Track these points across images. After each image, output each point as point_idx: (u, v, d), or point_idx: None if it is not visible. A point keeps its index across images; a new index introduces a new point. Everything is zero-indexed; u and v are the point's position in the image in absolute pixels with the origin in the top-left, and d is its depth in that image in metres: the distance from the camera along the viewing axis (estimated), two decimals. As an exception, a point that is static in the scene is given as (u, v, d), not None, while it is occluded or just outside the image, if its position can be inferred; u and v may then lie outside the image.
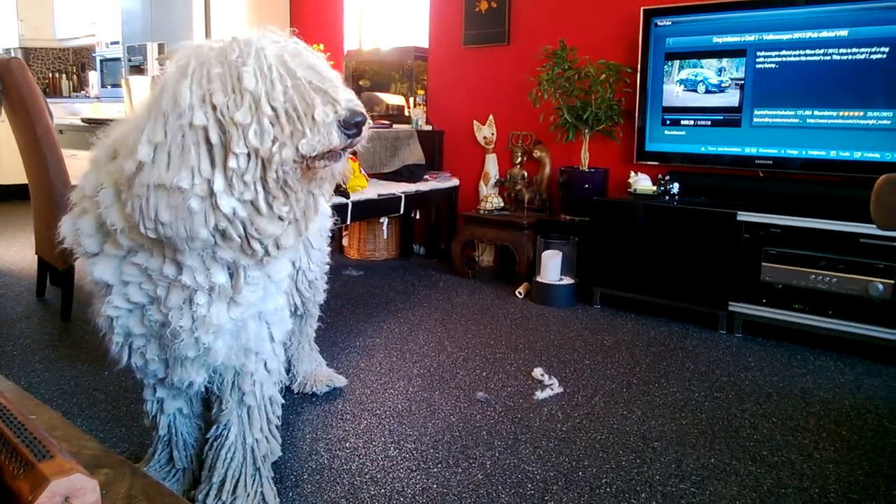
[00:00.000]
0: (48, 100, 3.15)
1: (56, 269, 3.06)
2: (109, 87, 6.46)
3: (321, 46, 4.29)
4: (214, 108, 1.08)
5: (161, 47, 5.32)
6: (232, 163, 1.08)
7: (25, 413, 0.79)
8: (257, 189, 1.11)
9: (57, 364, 2.52)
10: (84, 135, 3.59)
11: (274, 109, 1.07)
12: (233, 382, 1.48)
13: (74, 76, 7.69)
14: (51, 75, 7.58)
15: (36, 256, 3.36)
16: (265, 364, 1.50)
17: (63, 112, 6.48)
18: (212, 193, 1.10)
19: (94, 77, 7.00)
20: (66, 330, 2.91)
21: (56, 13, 7.12)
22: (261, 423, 1.54)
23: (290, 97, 1.08)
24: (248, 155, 1.09)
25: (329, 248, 2.13)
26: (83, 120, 3.66)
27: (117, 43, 6.13)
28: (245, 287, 1.31)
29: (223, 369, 1.44)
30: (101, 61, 6.61)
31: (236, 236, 1.15)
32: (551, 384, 2.41)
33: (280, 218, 1.16)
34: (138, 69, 5.55)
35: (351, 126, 1.10)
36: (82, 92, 7.40)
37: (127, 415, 2.11)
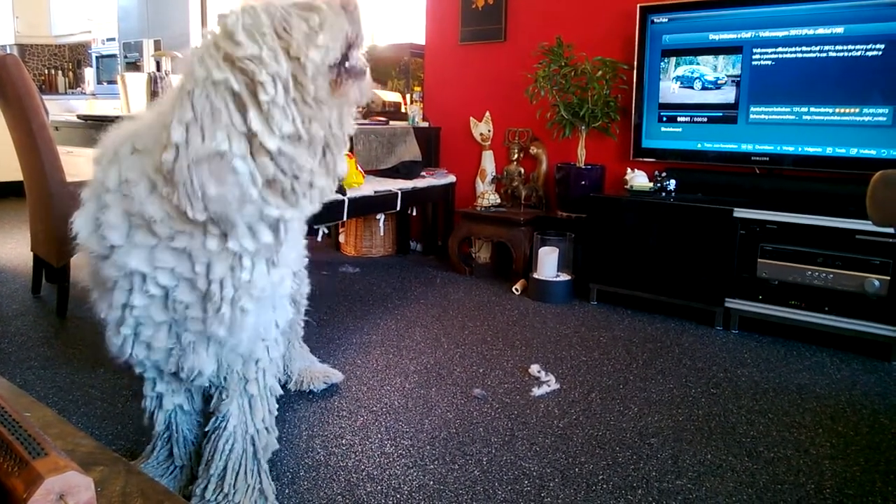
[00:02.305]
0: (44, 96, 3.15)
1: (52, 266, 3.05)
2: (105, 83, 6.45)
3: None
4: (227, 60, 1.12)
5: (157, 44, 5.31)
6: (262, 95, 1.11)
7: (20, 411, 0.78)
8: (294, 114, 1.14)
9: (52, 362, 2.51)
10: (80, 131, 3.57)
11: (276, 29, 1.13)
12: (237, 371, 1.49)
13: (70, 73, 7.68)
14: (46, 72, 7.56)
15: (31, 253, 3.35)
16: (268, 351, 1.51)
17: (59, 109, 6.45)
18: (254, 143, 1.13)
19: (89, 74, 6.99)
20: (61, 327, 2.91)
21: (52, 10, 7.10)
22: (262, 413, 1.54)
23: (287, 13, 1.14)
24: (274, 80, 1.12)
25: (306, 241, 2.10)
26: (79, 117, 3.64)
27: (113, 39, 6.12)
28: (283, 245, 1.33)
29: (233, 357, 1.44)
30: (97, 58, 6.60)
31: (283, 178, 1.17)
32: (548, 381, 2.42)
33: (314, 148, 1.19)
34: (134, 66, 5.54)
35: (352, 5, 1.16)
36: (78, 89, 7.39)
37: (123, 412, 2.11)
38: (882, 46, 2.86)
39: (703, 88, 3.33)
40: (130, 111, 3.90)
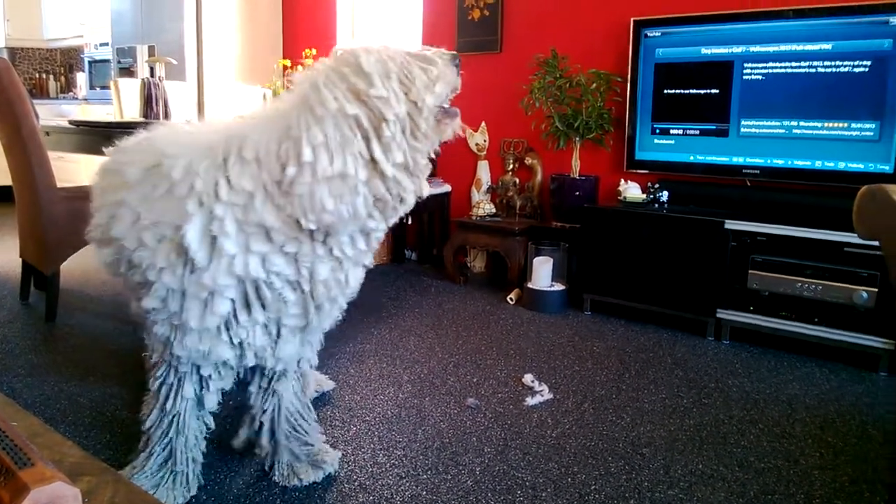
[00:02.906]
0: (34, 101, 3.13)
1: (41, 272, 3.03)
2: (98, 88, 6.42)
3: (313, 51, 4.28)
4: (353, 93, 1.31)
5: (151, 49, 5.29)
6: (387, 132, 1.31)
7: (7, 420, 0.78)
8: (405, 149, 1.35)
9: (40, 370, 2.49)
10: (71, 137, 3.55)
11: (399, 75, 1.33)
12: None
13: (62, 77, 7.64)
14: (37, 76, 7.52)
15: (20, 259, 3.33)
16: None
17: (49, 113, 6.42)
18: (373, 168, 1.33)
19: (81, 78, 6.95)
20: (50, 335, 2.89)
21: (44, 13, 7.07)
22: (310, 388, 1.83)
23: (407, 62, 1.35)
24: (396, 119, 1.32)
25: None
26: (70, 122, 3.62)
27: (106, 44, 6.09)
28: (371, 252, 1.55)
29: (308, 343, 1.67)
30: (90, 63, 6.56)
31: (391, 198, 1.38)
32: (541, 390, 2.42)
33: (414, 174, 1.41)
34: (128, 71, 5.52)
35: (457, 60, 1.42)
36: (70, 93, 7.35)
37: (112, 420, 2.10)
38: (868, 63, 2.89)
39: (696, 102, 3.36)
40: (123, 117, 3.89)
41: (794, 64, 3.07)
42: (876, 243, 1.19)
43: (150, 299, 1.45)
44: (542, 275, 3.52)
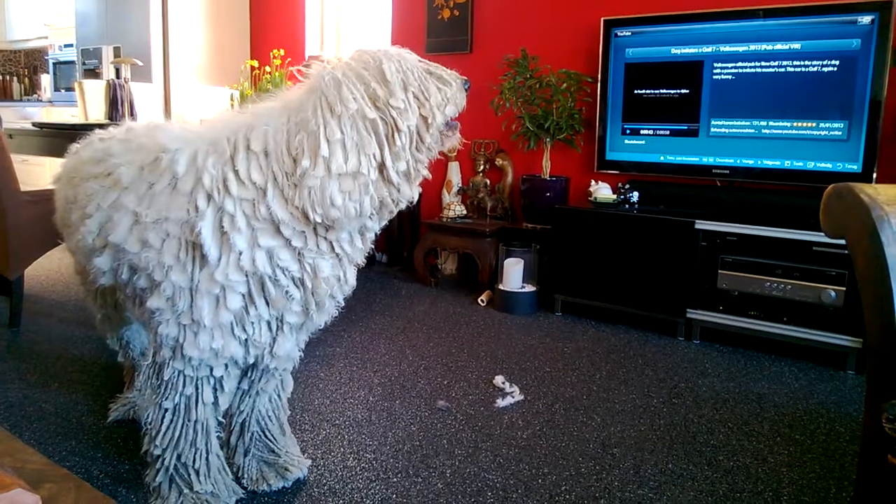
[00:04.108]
0: (-3, 103, 3.06)
1: (4, 277, 2.96)
2: (63, 90, 6.31)
3: (281, 52, 4.24)
4: (371, 98, 1.35)
5: (117, 51, 5.21)
6: (398, 141, 1.36)
7: (-35, 428, 0.76)
8: (409, 159, 1.40)
9: (4, 376, 2.43)
10: (35, 139, 3.48)
11: (416, 90, 1.38)
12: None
13: (26, 79, 7.50)
14: (1, 78, 7.37)
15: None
16: None
17: (13, 116, 6.30)
18: (381, 172, 1.38)
19: (46, 80, 6.83)
20: (13, 341, 2.82)
21: (8, 14, 6.94)
22: (290, 386, 1.81)
23: (425, 78, 1.40)
24: (409, 130, 1.37)
25: None
26: (34, 124, 3.55)
27: (71, 46, 5.99)
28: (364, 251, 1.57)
29: (303, 340, 1.65)
30: (54, 64, 6.45)
31: (390, 202, 1.43)
32: (512, 392, 2.41)
33: (413, 182, 1.47)
34: (93, 73, 5.42)
35: (468, 85, 1.49)
36: (34, 95, 7.22)
37: (78, 427, 2.05)
38: (837, 62, 2.94)
39: (666, 102, 3.38)
40: (88, 119, 3.82)
41: (763, 63, 3.11)
42: (843, 242, 1.20)
43: (156, 299, 1.41)
44: (513, 276, 3.52)
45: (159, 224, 1.40)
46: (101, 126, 1.90)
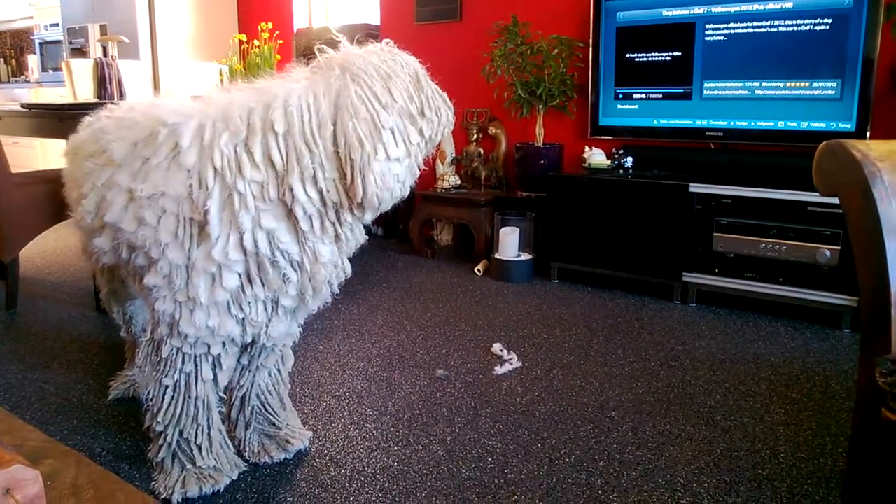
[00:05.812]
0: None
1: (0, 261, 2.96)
2: (50, 70, 6.24)
3: (269, 25, 4.19)
4: (411, 100, 1.40)
5: (103, 28, 5.14)
6: (415, 138, 1.42)
7: (-36, 407, 0.76)
8: (419, 155, 1.47)
9: (3, 358, 2.44)
10: (25, 121, 3.44)
11: (437, 105, 1.46)
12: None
13: (13, 60, 7.41)
14: (-13, 60, 7.29)
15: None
16: None
17: (2, 98, 6.25)
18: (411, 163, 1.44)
19: (33, 61, 6.75)
20: (11, 323, 2.82)
21: (-9, -6, 6.83)
22: (290, 361, 1.83)
23: (438, 97, 1.47)
24: (420, 135, 1.43)
25: None
26: (23, 105, 3.51)
27: (57, 25, 5.91)
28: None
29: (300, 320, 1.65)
30: (41, 44, 6.37)
31: (399, 192, 1.46)
32: (510, 359, 2.43)
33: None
34: (80, 52, 5.36)
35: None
36: (22, 77, 7.14)
37: (78, 406, 2.06)
38: (829, 21, 2.91)
39: (658, 65, 3.35)
40: (77, 98, 3.78)
41: (755, 24, 3.07)
42: (836, 201, 1.20)
43: (152, 276, 1.42)
44: (509, 245, 3.52)
45: (155, 199, 1.39)
46: (89, 106, 1.88)
